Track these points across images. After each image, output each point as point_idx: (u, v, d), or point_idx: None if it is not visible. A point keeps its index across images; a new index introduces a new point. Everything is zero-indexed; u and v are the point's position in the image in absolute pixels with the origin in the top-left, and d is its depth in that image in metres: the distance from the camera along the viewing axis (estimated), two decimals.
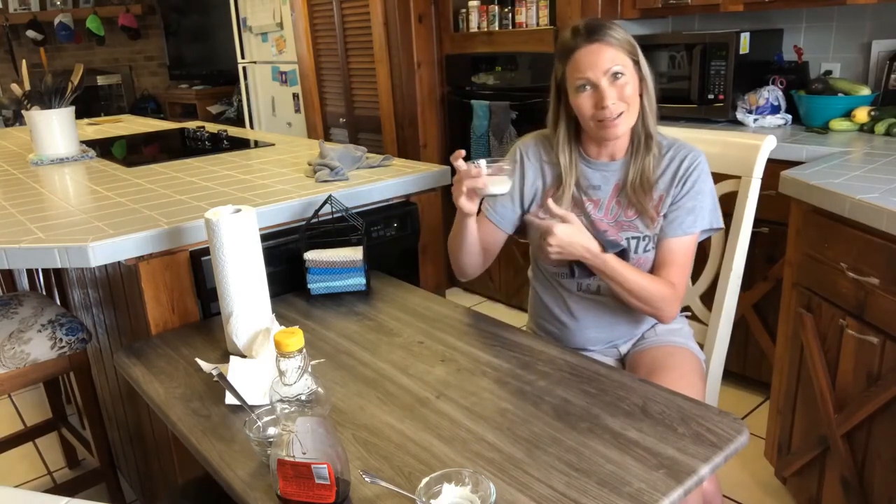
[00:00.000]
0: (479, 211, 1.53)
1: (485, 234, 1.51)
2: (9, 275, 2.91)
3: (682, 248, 1.41)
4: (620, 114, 1.34)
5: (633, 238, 1.42)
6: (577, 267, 1.42)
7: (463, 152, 1.33)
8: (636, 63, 1.36)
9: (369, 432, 1.05)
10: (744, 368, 2.45)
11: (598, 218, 1.44)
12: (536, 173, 1.50)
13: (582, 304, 1.48)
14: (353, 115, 3.77)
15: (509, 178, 1.34)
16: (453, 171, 1.38)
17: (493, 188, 1.33)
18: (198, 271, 1.51)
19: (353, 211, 1.68)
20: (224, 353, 1.35)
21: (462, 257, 1.49)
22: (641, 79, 1.37)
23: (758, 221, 1.62)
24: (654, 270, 1.42)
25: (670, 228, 1.41)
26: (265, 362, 1.24)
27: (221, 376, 1.18)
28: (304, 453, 0.87)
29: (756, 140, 1.53)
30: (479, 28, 3.13)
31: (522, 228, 1.55)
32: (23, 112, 2.38)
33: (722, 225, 1.46)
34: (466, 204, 1.34)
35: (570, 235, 1.31)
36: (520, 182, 1.50)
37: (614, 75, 1.32)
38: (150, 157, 2.46)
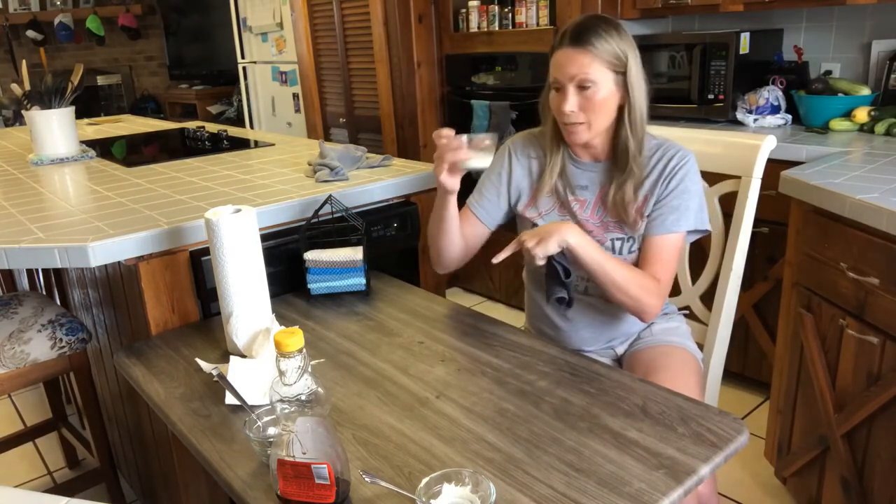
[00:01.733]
0: (463, 206, 1.52)
1: (467, 226, 1.51)
2: (9, 275, 2.91)
3: (665, 245, 1.38)
4: (581, 123, 1.34)
5: (617, 239, 1.41)
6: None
7: (444, 130, 1.31)
8: (622, 75, 1.32)
9: (369, 432, 1.05)
10: (744, 368, 2.45)
11: (585, 219, 1.44)
12: (524, 171, 1.50)
13: (575, 305, 1.48)
14: (353, 115, 3.77)
15: (490, 152, 1.33)
16: None
17: (475, 162, 1.32)
18: (198, 271, 1.51)
19: (353, 211, 1.68)
20: (224, 353, 1.35)
21: (442, 242, 1.46)
22: (627, 93, 1.33)
23: (758, 221, 1.62)
24: (642, 262, 1.41)
25: (653, 226, 1.39)
26: (265, 362, 1.24)
27: (221, 376, 1.18)
28: (304, 453, 0.87)
29: (756, 140, 1.53)
30: (479, 28, 3.13)
31: (509, 224, 1.55)
32: (23, 112, 2.38)
33: (709, 228, 1.44)
34: (448, 180, 1.33)
35: (537, 228, 1.31)
36: (507, 179, 1.51)
37: (582, 84, 1.30)
38: (150, 157, 2.46)
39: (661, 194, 1.38)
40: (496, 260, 1.31)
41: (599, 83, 1.30)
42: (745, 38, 2.43)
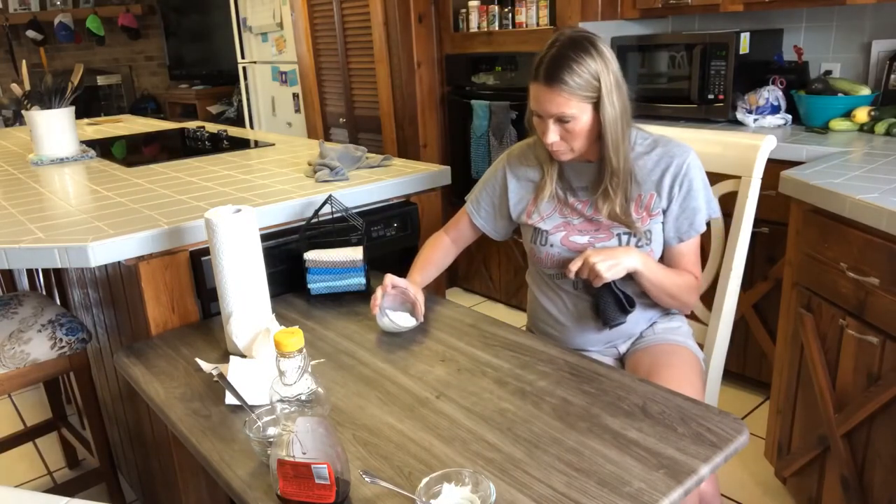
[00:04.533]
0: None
1: (464, 227, 1.62)
2: (9, 275, 2.91)
3: (694, 246, 1.47)
4: (564, 149, 1.39)
5: (625, 234, 1.43)
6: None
7: (386, 279, 1.43)
8: (597, 101, 1.32)
9: (369, 432, 1.06)
10: (744, 368, 2.45)
11: (591, 215, 1.45)
12: (521, 184, 1.53)
13: (581, 304, 1.48)
14: (353, 115, 3.77)
15: (397, 329, 1.39)
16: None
17: (382, 323, 1.38)
18: (198, 271, 1.51)
19: (353, 211, 1.68)
20: (224, 353, 1.35)
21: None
22: (604, 115, 1.33)
23: (758, 221, 1.62)
24: (671, 267, 1.47)
25: (682, 232, 1.44)
26: (265, 362, 1.24)
27: (221, 376, 1.18)
28: (304, 453, 0.87)
29: (756, 140, 1.53)
30: (479, 28, 3.13)
31: (505, 233, 1.62)
32: (23, 112, 2.38)
33: (718, 213, 1.48)
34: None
35: (603, 249, 1.36)
36: (503, 198, 1.55)
37: (561, 119, 1.34)
38: (150, 157, 2.46)
39: (676, 199, 1.42)
40: (571, 275, 1.35)
41: (578, 116, 1.33)
42: (745, 38, 2.43)
